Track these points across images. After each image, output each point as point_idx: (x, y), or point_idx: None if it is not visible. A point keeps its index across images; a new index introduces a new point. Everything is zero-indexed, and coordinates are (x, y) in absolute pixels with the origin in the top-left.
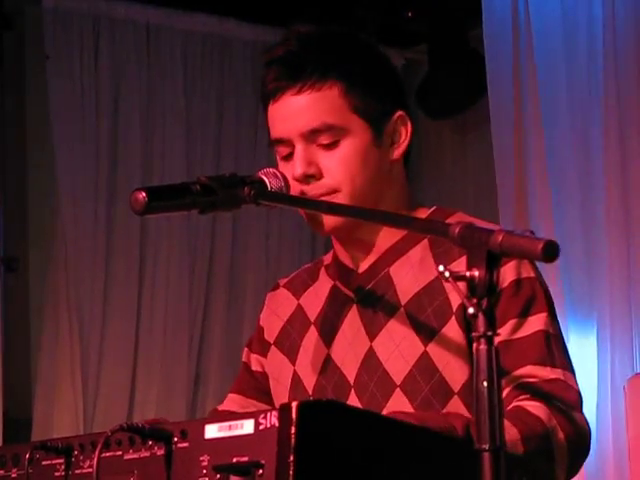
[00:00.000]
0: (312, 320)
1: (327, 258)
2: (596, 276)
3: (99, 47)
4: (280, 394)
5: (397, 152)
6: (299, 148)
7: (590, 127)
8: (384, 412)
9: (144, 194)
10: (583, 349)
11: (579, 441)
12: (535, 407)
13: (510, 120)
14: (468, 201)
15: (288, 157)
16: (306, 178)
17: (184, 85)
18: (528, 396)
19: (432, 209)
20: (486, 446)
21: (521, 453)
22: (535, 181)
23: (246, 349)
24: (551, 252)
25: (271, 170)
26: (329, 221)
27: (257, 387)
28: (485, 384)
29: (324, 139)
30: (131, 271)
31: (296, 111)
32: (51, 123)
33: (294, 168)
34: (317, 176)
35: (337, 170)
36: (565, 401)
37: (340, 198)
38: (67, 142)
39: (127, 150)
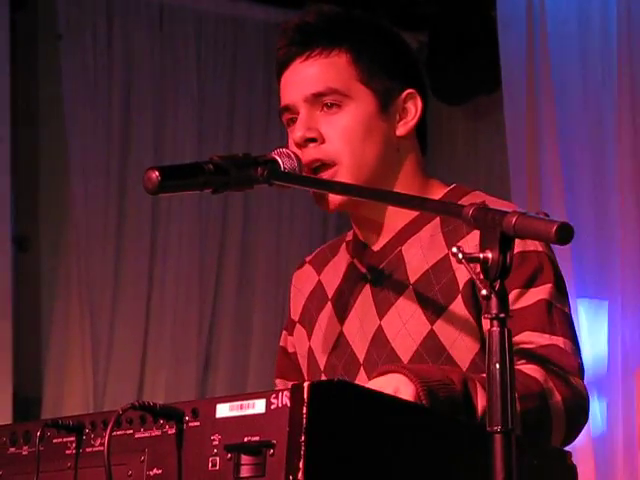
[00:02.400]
0: (329, 296)
1: (350, 234)
2: (608, 261)
3: (112, 27)
4: (305, 369)
5: (404, 128)
6: (302, 112)
7: (603, 113)
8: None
9: (157, 173)
10: (594, 334)
11: (576, 404)
12: (532, 369)
13: (523, 107)
14: (479, 185)
15: (291, 122)
16: (305, 142)
17: (197, 66)
18: (524, 361)
19: (450, 187)
20: (498, 428)
21: (517, 411)
22: (548, 167)
23: (284, 332)
24: (565, 234)
25: (284, 150)
26: (333, 199)
27: (295, 368)
28: (497, 366)
29: (327, 100)
30: (142, 253)
31: (303, 77)
32: (63, 103)
33: (295, 132)
34: (318, 140)
35: (338, 137)
36: (562, 366)
37: (341, 172)
38: (79, 122)
39: (139, 130)
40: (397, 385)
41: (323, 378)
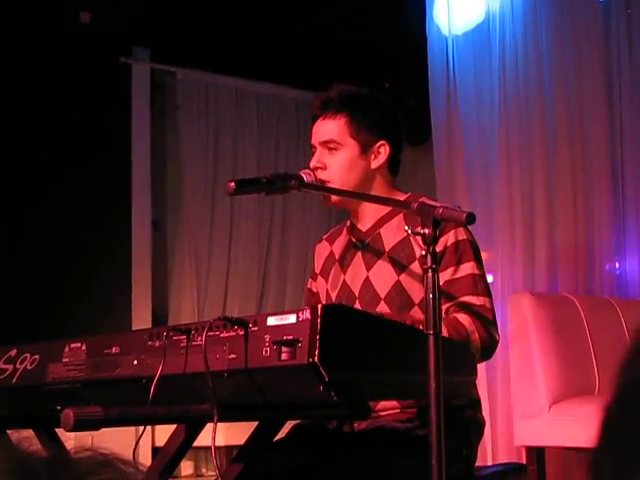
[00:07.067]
0: (337, 258)
1: (348, 221)
2: (493, 239)
3: (207, 103)
4: (324, 302)
5: (376, 165)
6: (317, 150)
7: (491, 153)
8: (375, 311)
9: (233, 183)
10: None
11: (488, 342)
12: (463, 318)
13: (444, 149)
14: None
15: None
16: (316, 168)
17: (257, 127)
18: (462, 311)
19: (408, 194)
20: (431, 331)
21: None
22: (458, 184)
23: (310, 279)
24: (471, 219)
25: (306, 170)
26: (331, 198)
27: (317, 301)
28: (430, 296)
29: (330, 145)
30: (224, 229)
31: (320, 130)
32: (181, 148)
33: (311, 162)
34: (323, 168)
35: (333, 167)
36: (485, 318)
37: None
38: (190, 160)
39: (223, 162)
40: None
41: None
